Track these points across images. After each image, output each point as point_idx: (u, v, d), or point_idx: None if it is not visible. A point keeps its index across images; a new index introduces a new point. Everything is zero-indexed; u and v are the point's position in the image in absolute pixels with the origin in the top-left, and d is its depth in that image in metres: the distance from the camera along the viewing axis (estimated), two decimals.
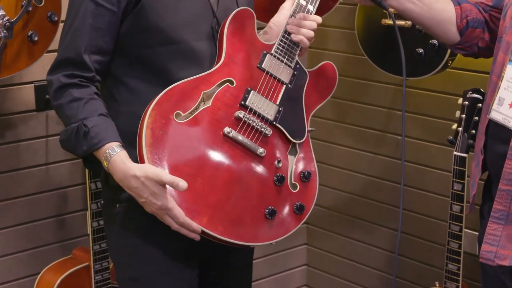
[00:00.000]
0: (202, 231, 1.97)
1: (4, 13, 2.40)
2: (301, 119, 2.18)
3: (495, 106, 2.04)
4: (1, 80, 2.52)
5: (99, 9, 1.99)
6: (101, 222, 2.76)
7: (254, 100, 2.08)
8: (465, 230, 2.65)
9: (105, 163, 1.97)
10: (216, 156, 2.02)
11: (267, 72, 2.12)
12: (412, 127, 3.19)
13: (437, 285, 2.85)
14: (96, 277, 2.80)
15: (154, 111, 1.97)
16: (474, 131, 2.57)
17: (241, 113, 2.06)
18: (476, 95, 2.57)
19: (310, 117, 2.21)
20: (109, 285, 2.83)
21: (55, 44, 2.60)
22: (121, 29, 2.03)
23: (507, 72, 2.02)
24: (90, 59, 2.01)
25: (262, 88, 2.11)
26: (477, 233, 2.10)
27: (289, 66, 2.15)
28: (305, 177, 2.15)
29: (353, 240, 3.59)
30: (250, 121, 2.07)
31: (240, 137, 2.06)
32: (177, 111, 2.00)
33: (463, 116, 2.60)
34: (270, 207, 2.07)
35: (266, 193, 2.09)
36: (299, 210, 2.12)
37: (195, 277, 2.17)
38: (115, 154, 1.96)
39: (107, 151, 1.96)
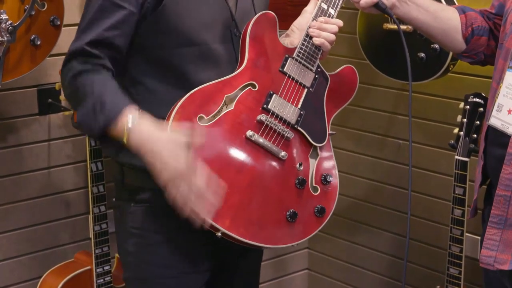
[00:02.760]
0: (224, 233, 1.97)
1: (7, 17, 2.41)
2: (322, 122, 2.19)
3: (494, 112, 2.05)
4: (4, 84, 2.51)
5: (116, 8, 1.98)
6: (103, 226, 2.78)
7: (276, 103, 2.10)
8: (467, 234, 2.64)
9: (125, 133, 1.92)
10: (239, 159, 2.03)
11: (289, 76, 2.13)
12: (413, 132, 3.18)
13: None
14: (98, 281, 2.80)
15: (178, 114, 1.97)
16: (475, 135, 2.57)
17: (263, 117, 2.07)
18: (477, 100, 2.57)
19: (331, 120, 2.22)
20: None
21: (57, 48, 2.59)
22: (140, 30, 2.04)
23: (506, 78, 2.02)
24: (103, 52, 2.00)
25: (284, 91, 2.12)
26: (478, 237, 2.11)
27: (311, 69, 2.16)
28: (325, 180, 2.16)
29: (355, 244, 3.58)
30: (272, 125, 2.08)
31: (262, 141, 2.07)
32: (200, 114, 2.00)
33: (465, 120, 2.60)
34: (291, 210, 2.08)
35: (287, 196, 2.10)
36: (320, 213, 2.13)
37: (202, 283, 2.17)
38: (137, 119, 1.92)
39: (127, 117, 1.92)
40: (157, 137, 1.91)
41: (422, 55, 2.81)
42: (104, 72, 2.01)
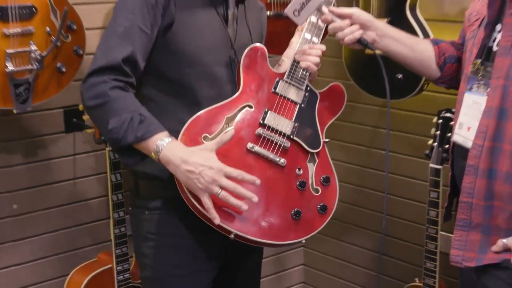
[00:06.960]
0: (237, 234, 2.02)
1: (36, 48, 2.52)
2: (315, 131, 2.25)
3: (456, 129, 2.12)
4: (34, 106, 2.58)
5: (141, 32, 2.06)
6: (122, 229, 2.87)
7: (272, 119, 2.17)
8: (441, 232, 2.77)
9: (153, 154, 1.97)
10: (243, 168, 2.05)
11: (281, 95, 2.21)
12: (394, 143, 3.27)
13: (417, 281, 3.01)
14: (118, 277, 2.92)
15: (183, 136, 2.05)
16: (447, 145, 2.64)
17: (261, 130, 2.14)
18: (448, 114, 2.68)
19: (324, 130, 2.28)
20: (130, 284, 2.95)
21: (80, 74, 2.55)
22: (154, 51, 2.10)
23: (465, 100, 2.10)
24: (131, 71, 2.05)
25: (278, 108, 2.19)
26: (451, 235, 2.17)
27: (300, 89, 2.23)
28: (325, 181, 2.22)
29: (345, 242, 3.68)
30: (270, 137, 2.15)
31: (262, 151, 2.13)
32: (205, 134, 2.08)
33: (438, 132, 2.71)
34: (295, 209, 2.14)
35: (291, 197, 2.15)
36: (322, 210, 2.19)
37: (209, 280, 2.26)
38: (170, 140, 1.98)
39: (162, 139, 1.97)
40: (191, 150, 1.98)
41: (400, 76, 2.90)
42: (131, 91, 2.05)
